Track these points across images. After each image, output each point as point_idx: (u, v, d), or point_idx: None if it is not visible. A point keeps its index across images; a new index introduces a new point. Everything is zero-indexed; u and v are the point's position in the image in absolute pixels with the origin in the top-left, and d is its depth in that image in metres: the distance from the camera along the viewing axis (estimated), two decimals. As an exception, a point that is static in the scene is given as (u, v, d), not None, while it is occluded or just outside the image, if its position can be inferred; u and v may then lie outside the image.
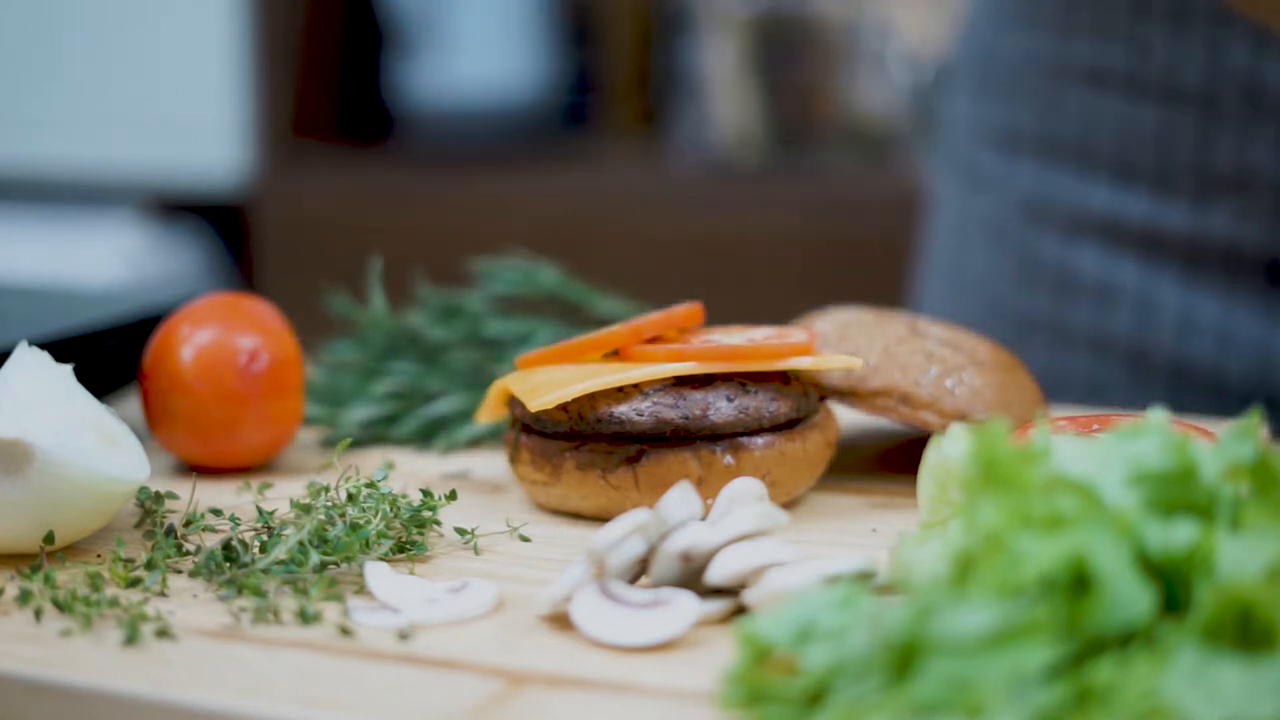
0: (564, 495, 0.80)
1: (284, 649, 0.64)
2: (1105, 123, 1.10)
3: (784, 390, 0.81)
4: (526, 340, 0.98)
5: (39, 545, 0.73)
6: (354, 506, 0.73)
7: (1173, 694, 0.50)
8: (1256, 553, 0.53)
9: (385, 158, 2.65)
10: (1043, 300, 1.15)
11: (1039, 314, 1.15)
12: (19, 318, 0.94)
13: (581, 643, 0.64)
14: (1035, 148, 1.14)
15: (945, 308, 1.22)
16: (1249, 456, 0.56)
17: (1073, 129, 1.12)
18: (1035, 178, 1.14)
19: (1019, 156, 1.15)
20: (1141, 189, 1.09)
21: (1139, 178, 1.09)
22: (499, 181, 2.44)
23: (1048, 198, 1.14)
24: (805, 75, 2.33)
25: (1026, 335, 1.15)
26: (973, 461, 0.56)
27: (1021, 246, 1.16)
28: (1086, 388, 1.13)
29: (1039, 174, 1.14)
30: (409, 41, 2.70)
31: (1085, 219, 1.12)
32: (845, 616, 0.55)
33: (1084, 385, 1.13)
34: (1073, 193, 1.12)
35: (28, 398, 0.73)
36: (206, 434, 0.88)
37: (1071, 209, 1.13)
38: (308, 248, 2.53)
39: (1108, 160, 1.10)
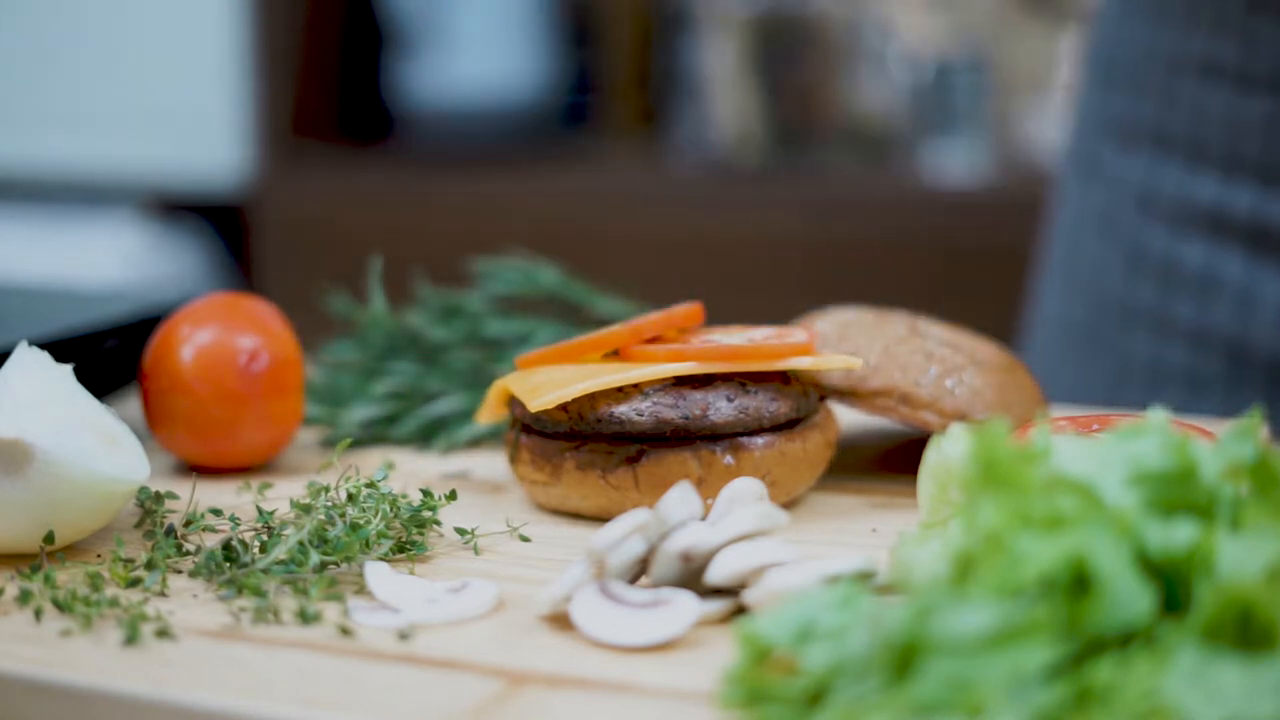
0: (564, 495, 0.80)
1: (284, 649, 0.64)
2: (1215, 115, 1.10)
3: (784, 390, 0.81)
4: (526, 340, 0.98)
5: (39, 545, 0.73)
6: (354, 506, 0.73)
7: (1173, 694, 0.50)
8: (1256, 553, 0.53)
9: (385, 158, 2.65)
10: (1147, 292, 1.15)
11: (1143, 305, 1.16)
12: (19, 318, 0.93)
13: (581, 643, 0.64)
14: (1150, 140, 1.14)
15: (1059, 301, 1.23)
16: (1249, 456, 0.56)
17: (1184, 121, 1.12)
18: (1148, 169, 1.15)
19: (1135, 148, 1.16)
20: (1247, 182, 1.09)
21: (1246, 170, 1.09)
22: (499, 181, 2.44)
23: (1157, 189, 1.14)
24: (805, 75, 2.33)
25: (1130, 327, 1.16)
26: (973, 461, 0.56)
27: (1130, 238, 1.16)
28: (1185, 382, 1.13)
29: (1151, 166, 1.15)
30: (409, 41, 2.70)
31: (1192, 211, 1.12)
32: (845, 616, 0.55)
33: (1183, 379, 1.13)
34: (1181, 185, 1.13)
35: (28, 398, 0.74)
36: (206, 434, 0.88)
37: (1179, 201, 1.13)
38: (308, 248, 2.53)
39: (1216, 153, 1.10)
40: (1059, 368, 1.21)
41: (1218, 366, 1.12)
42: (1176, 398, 1.09)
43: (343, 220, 2.52)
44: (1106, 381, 1.16)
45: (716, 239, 2.27)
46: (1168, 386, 1.10)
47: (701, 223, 2.29)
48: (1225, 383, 1.11)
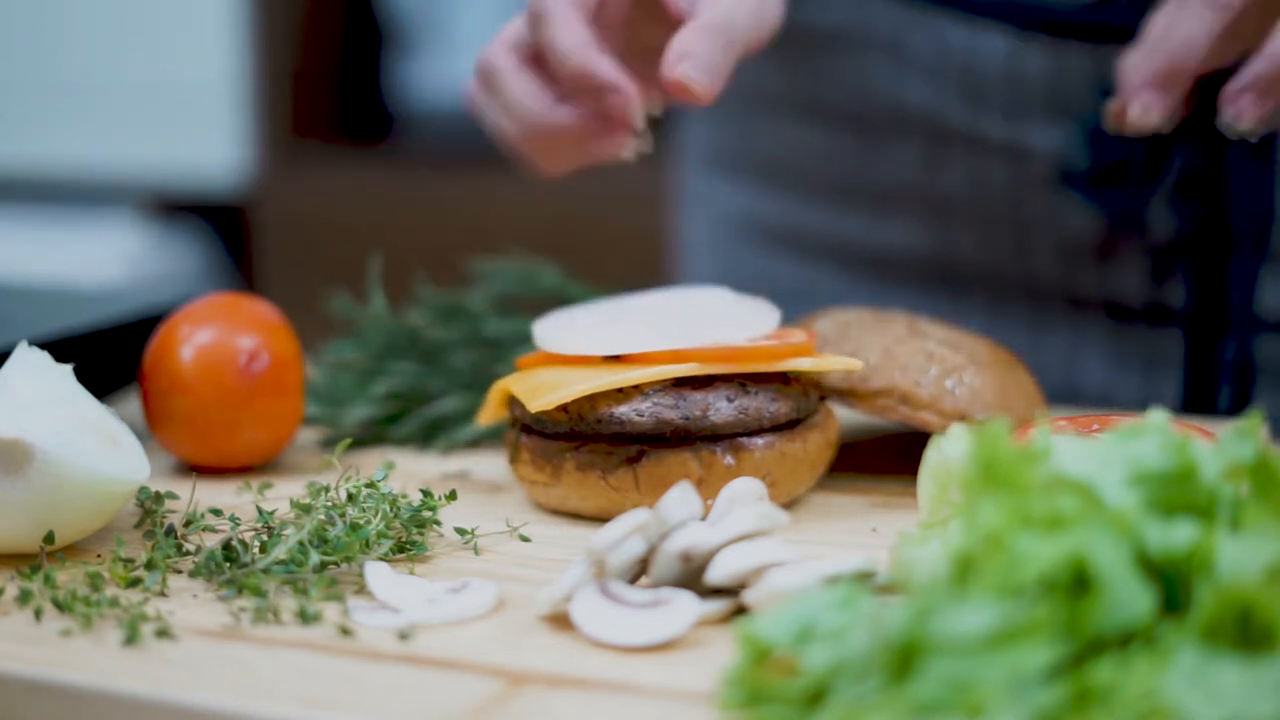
0: (564, 496, 0.80)
1: (284, 649, 0.64)
2: (783, 142, 1.16)
3: (784, 391, 0.81)
4: (526, 340, 0.98)
5: (39, 545, 0.73)
6: (354, 506, 0.73)
7: (1173, 694, 0.50)
8: (1256, 553, 0.53)
9: (385, 158, 2.65)
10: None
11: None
12: (19, 318, 0.94)
13: (581, 643, 0.64)
14: (735, 166, 1.20)
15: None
16: (1249, 456, 0.56)
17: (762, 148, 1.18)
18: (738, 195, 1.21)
19: (718, 173, 1.22)
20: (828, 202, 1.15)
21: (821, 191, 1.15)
22: (499, 181, 2.44)
23: (750, 213, 1.20)
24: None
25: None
26: (973, 461, 0.56)
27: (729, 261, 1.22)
28: None
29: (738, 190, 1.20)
30: (409, 41, 2.70)
31: (782, 232, 1.18)
32: (845, 616, 0.55)
33: None
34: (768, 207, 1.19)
35: (28, 398, 0.74)
36: (206, 434, 0.88)
37: (769, 223, 1.19)
38: (308, 248, 2.54)
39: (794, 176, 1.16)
40: None
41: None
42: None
43: (343, 220, 2.52)
44: None
45: (716, 239, 2.27)
46: None
47: (701, 223, 2.29)
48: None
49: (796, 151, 1.15)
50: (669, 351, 0.79)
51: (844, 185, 1.14)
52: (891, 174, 1.12)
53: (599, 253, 2.19)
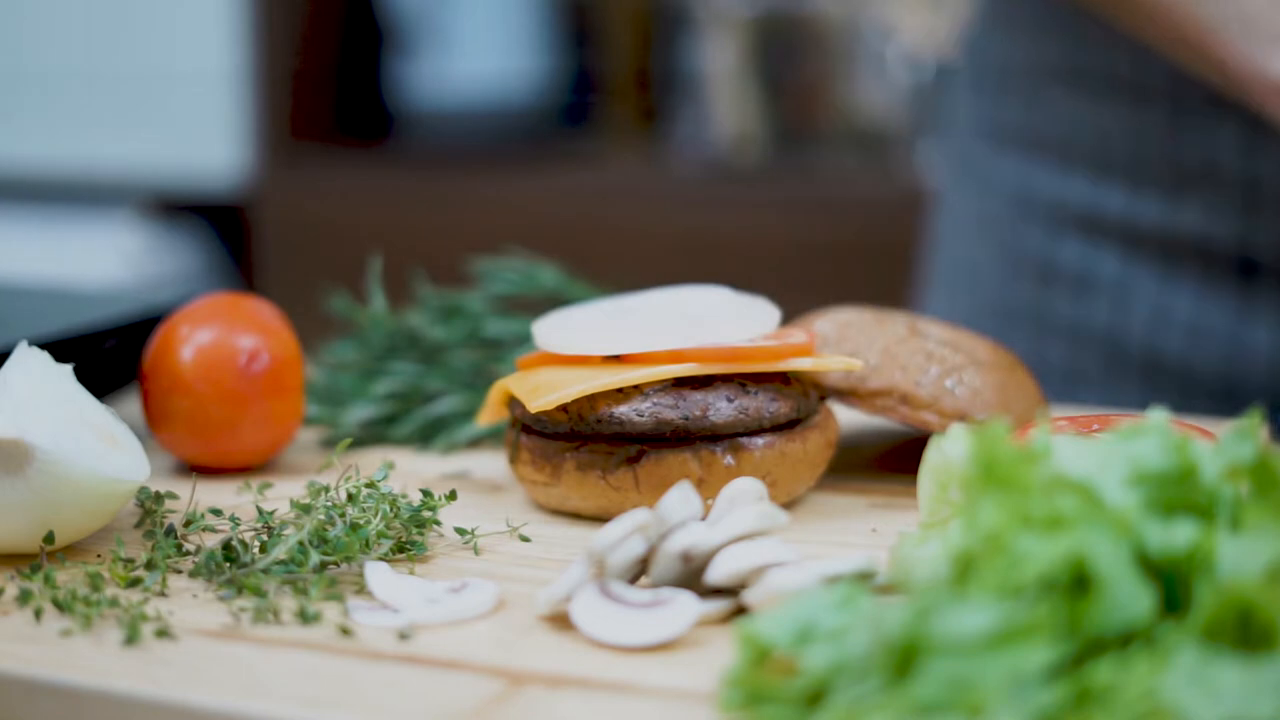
0: (564, 495, 0.80)
1: (284, 649, 0.64)
2: (1082, 119, 1.12)
3: (784, 391, 0.81)
4: (526, 340, 0.98)
5: (39, 545, 0.73)
6: (354, 506, 0.73)
7: (1173, 694, 0.50)
8: (1256, 553, 0.53)
9: (385, 158, 2.65)
10: (1025, 291, 1.17)
11: (1021, 304, 1.18)
12: (19, 318, 0.93)
13: (581, 643, 0.64)
14: (1020, 142, 1.16)
15: (942, 299, 1.25)
16: (1249, 457, 0.56)
17: (1054, 125, 1.14)
18: (1019, 171, 1.17)
19: (1005, 150, 1.18)
20: (1117, 183, 1.11)
21: (1115, 172, 1.11)
22: (499, 181, 2.44)
23: (1031, 191, 1.16)
24: (805, 75, 2.33)
25: (1009, 325, 1.18)
26: (973, 461, 0.56)
27: (1008, 238, 1.18)
28: (1063, 377, 1.15)
29: (1023, 168, 1.17)
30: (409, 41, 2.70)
31: (1066, 212, 1.14)
32: (845, 617, 0.55)
33: (1060, 375, 1.15)
34: (1054, 187, 1.15)
35: (28, 398, 0.74)
36: (206, 434, 0.88)
37: (1053, 202, 1.15)
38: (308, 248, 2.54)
39: (1086, 155, 1.13)
40: None
41: (1094, 362, 1.14)
42: (1055, 393, 1.12)
43: (343, 220, 2.52)
44: None
45: (716, 239, 2.27)
46: (1047, 383, 1.12)
47: (701, 223, 2.29)
48: (1101, 379, 1.14)
49: (1096, 130, 1.11)
50: (669, 351, 0.79)
51: (1143, 165, 1.09)
52: (1201, 155, 1.07)
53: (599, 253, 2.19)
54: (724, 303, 0.85)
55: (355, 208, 2.53)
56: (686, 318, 0.82)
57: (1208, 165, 1.07)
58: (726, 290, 0.87)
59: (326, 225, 2.53)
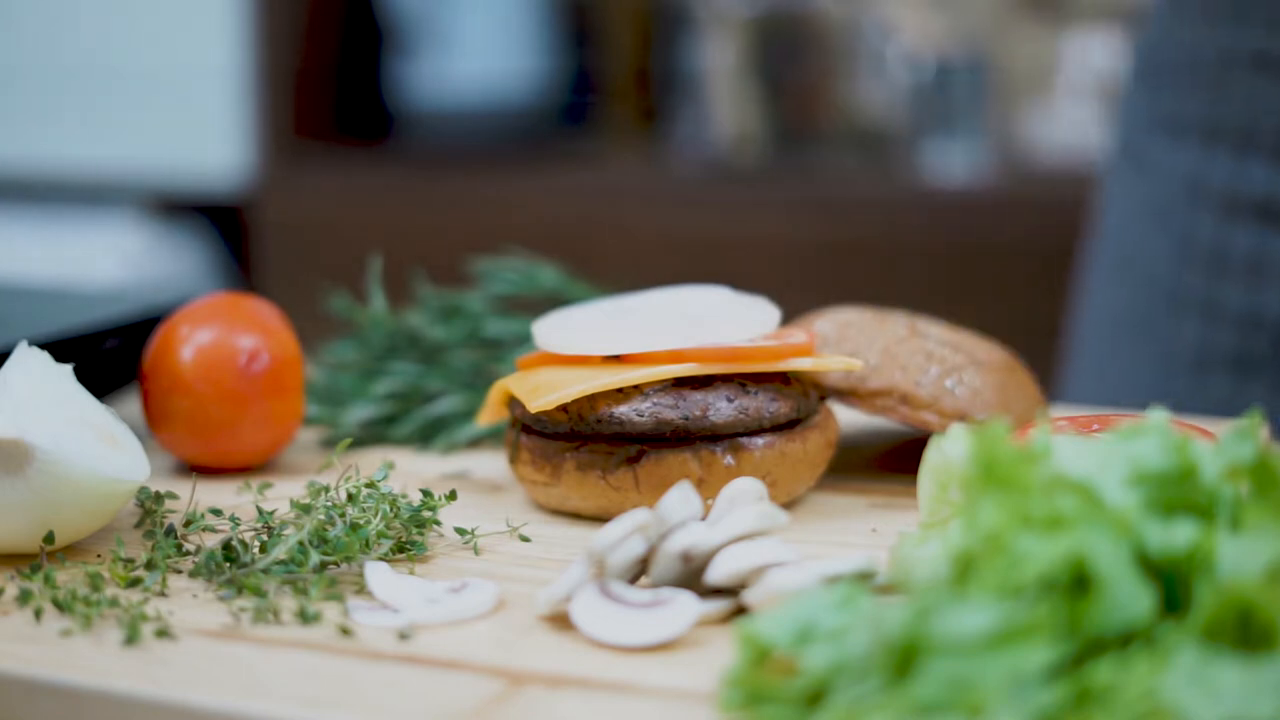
0: (564, 495, 0.80)
1: (284, 649, 0.64)
2: (1267, 105, 1.13)
3: (784, 391, 0.81)
4: (526, 340, 0.98)
5: (39, 545, 0.73)
6: (354, 506, 0.73)
7: (1173, 694, 0.50)
8: (1256, 553, 0.53)
9: (385, 158, 2.65)
10: (1197, 279, 1.18)
11: (1193, 292, 1.18)
12: (19, 318, 0.93)
13: (581, 643, 0.64)
14: (1199, 131, 1.17)
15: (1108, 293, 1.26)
16: (1249, 456, 0.56)
17: (1236, 112, 1.15)
18: (1197, 160, 1.18)
19: (1184, 141, 1.19)
20: None
21: None
22: (499, 181, 2.44)
23: (1207, 179, 1.17)
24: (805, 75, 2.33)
25: (1180, 314, 1.19)
26: (973, 461, 0.56)
27: (1180, 227, 1.19)
28: (1232, 366, 1.15)
29: (1201, 157, 1.18)
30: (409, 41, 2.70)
31: (1241, 199, 1.15)
32: (845, 617, 0.55)
33: (1230, 364, 1.16)
34: (1230, 174, 1.16)
35: (28, 398, 0.74)
36: (206, 434, 0.88)
37: (1228, 189, 1.16)
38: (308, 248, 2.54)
39: (1266, 141, 1.13)
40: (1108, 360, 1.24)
41: (1267, 349, 1.15)
42: (1224, 383, 1.12)
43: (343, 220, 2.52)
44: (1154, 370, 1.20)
45: (716, 239, 2.27)
46: (1215, 372, 1.12)
47: (701, 222, 2.29)
48: (1273, 364, 1.14)
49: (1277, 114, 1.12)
50: (669, 351, 0.79)
51: None
52: None
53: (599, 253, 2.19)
54: (724, 303, 0.85)
55: (355, 208, 2.53)
56: (686, 318, 0.82)
57: None
58: (726, 290, 0.87)
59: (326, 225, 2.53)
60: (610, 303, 0.87)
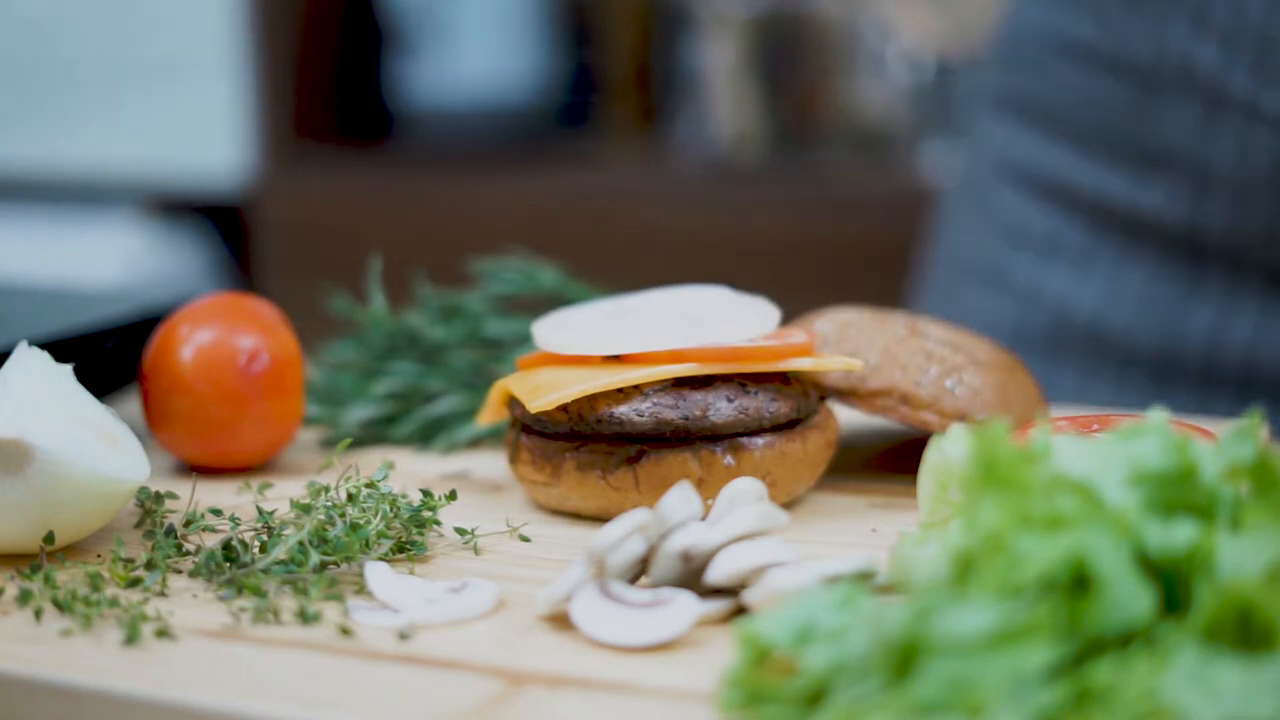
0: (564, 495, 0.80)
1: (284, 649, 0.64)
2: (1074, 92, 1.16)
3: (784, 391, 0.81)
4: (527, 340, 0.98)
5: (39, 545, 0.73)
6: (354, 506, 0.73)
7: (1173, 694, 0.50)
8: (1256, 553, 0.53)
9: (385, 158, 2.65)
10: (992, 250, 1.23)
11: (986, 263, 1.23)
12: (19, 318, 0.94)
13: (581, 643, 0.64)
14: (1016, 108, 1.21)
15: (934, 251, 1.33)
16: (1249, 456, 0.56)
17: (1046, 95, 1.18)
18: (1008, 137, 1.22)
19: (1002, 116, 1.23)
20: (1091, 157, 1.15)
21: (1093, 147, 1.15)
22: (499, 181, 2.44)
23: (1014, 156, 1.21)
24: (805, 75, 2.33)
25: (973, 282, 1.24)
26: (973, 461, 0.56)
27: (984, 198, 1.24)
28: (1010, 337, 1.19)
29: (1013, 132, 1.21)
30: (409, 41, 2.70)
31: (1042, 180, 1.19)
32: (845, 617, 0.55)
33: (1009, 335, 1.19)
34: (1036, 154, 1.19)
35: (28, 398, 0.74)
36: (206, 434, 0.88)
37: (1032, 169, 1.20)
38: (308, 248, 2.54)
39: (1069, 129, 1.17)
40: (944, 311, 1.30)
41: (1041, 327, 1.19)
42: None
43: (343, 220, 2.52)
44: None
45: (716, 239, 2.27)
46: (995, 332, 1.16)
47: (701, 222, 2.29)
48: (1044, 342, 1.19)
49: (1080, 102, 1.16)
50: (669, 351, 0.79)
51: (1114, 142, 1.14)
52: (1163, 136, 1.11)
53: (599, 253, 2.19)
54: (724, 303, 0.85)
55: (355, 208, 2.53)
56: (686, 318, 0.82)
57: (1167, 147, 1.11)
58: (726, 290, 0.87)
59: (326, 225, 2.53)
60: (610, 303, 0.87)
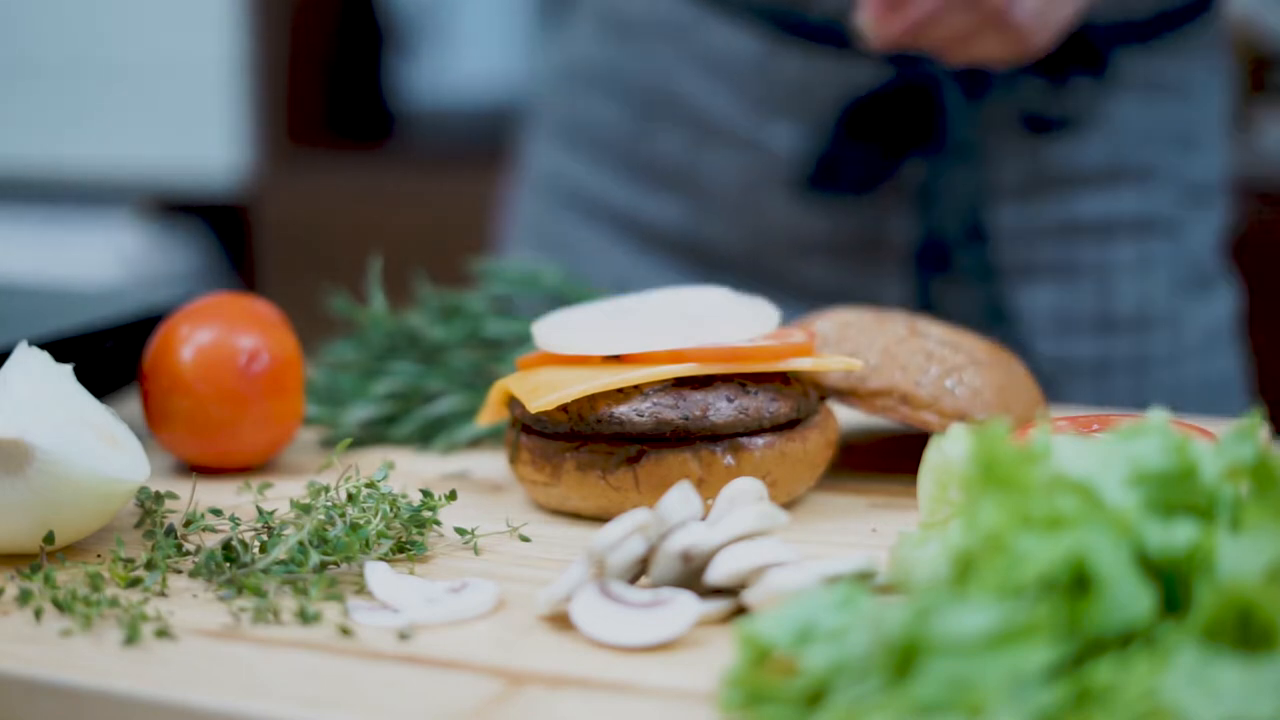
0: (564, 495, 0.81)
1: (284, 649, 0.64)
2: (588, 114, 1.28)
3: (784, 391, 0.81)
4: (526, 340, 0.98)
5: (39, 545, 0.73)
6: (354, 506, 0.73)
7: (1173, 694, 0.50)
8: (1256, 553, 0.53)
9: (385, 158, 2.65)
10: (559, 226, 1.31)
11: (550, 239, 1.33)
12: (19, 318, 0.94)
13: (581, 643, 0.64)
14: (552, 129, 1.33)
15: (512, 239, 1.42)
16: (1249, 457, 0.56)
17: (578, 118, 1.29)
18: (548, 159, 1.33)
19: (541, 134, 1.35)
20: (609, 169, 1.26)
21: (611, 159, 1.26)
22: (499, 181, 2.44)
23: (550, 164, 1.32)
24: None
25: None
26: (973, 461, 0.56)
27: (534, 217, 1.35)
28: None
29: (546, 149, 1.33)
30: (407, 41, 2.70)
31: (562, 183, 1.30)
32: (845, 617, 0.55)
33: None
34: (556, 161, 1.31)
35: (28, 398, 0.74)
36: (206, 434, 0.88)
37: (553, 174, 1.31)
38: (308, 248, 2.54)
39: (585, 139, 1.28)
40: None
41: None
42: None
43: (342, 220, 2.52)
44: None
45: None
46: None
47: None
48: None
49: (601, 124, 1.26)
50: (669, 351, 0.79)
51: (627, 160, 1.24)
52: (663, 155, 1.22)
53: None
54: (724, 303, 0.85)
55: (355, 208, 2.53)
56: (686, 318, 0.82)
57: (665, 165, 1.22)
58: (726, 290, 0.87)
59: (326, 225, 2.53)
60: (610, 303, 0.87)
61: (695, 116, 1.20)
